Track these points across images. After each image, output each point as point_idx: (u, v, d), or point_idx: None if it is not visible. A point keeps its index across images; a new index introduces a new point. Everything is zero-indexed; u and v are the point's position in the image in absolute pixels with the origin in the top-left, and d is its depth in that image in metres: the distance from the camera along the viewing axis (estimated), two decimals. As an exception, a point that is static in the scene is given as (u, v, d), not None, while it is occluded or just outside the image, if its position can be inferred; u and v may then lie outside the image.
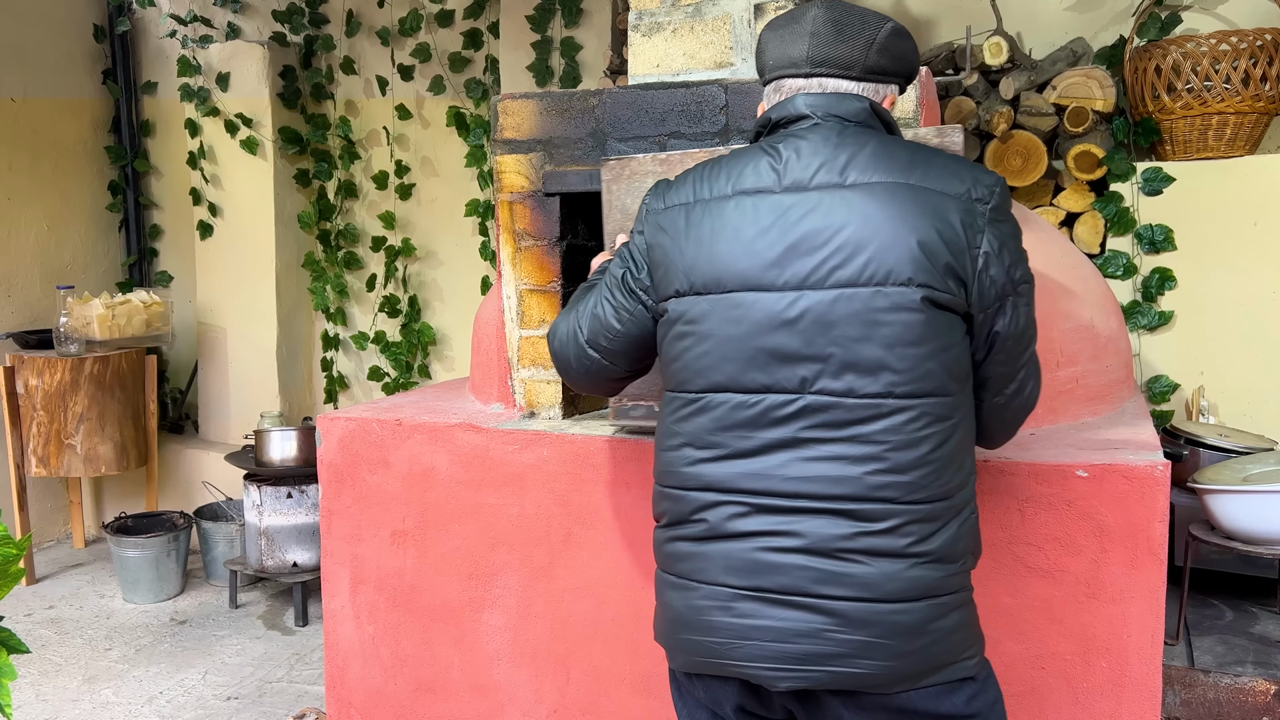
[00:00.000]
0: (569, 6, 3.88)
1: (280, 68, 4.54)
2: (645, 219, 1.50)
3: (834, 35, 1.43)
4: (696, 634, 1.37)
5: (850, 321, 1.30)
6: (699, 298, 1.39)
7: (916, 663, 1.30)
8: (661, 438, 1.46)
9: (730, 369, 1.36)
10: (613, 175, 1.97)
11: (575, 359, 1.58)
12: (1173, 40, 2.93)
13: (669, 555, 1.43)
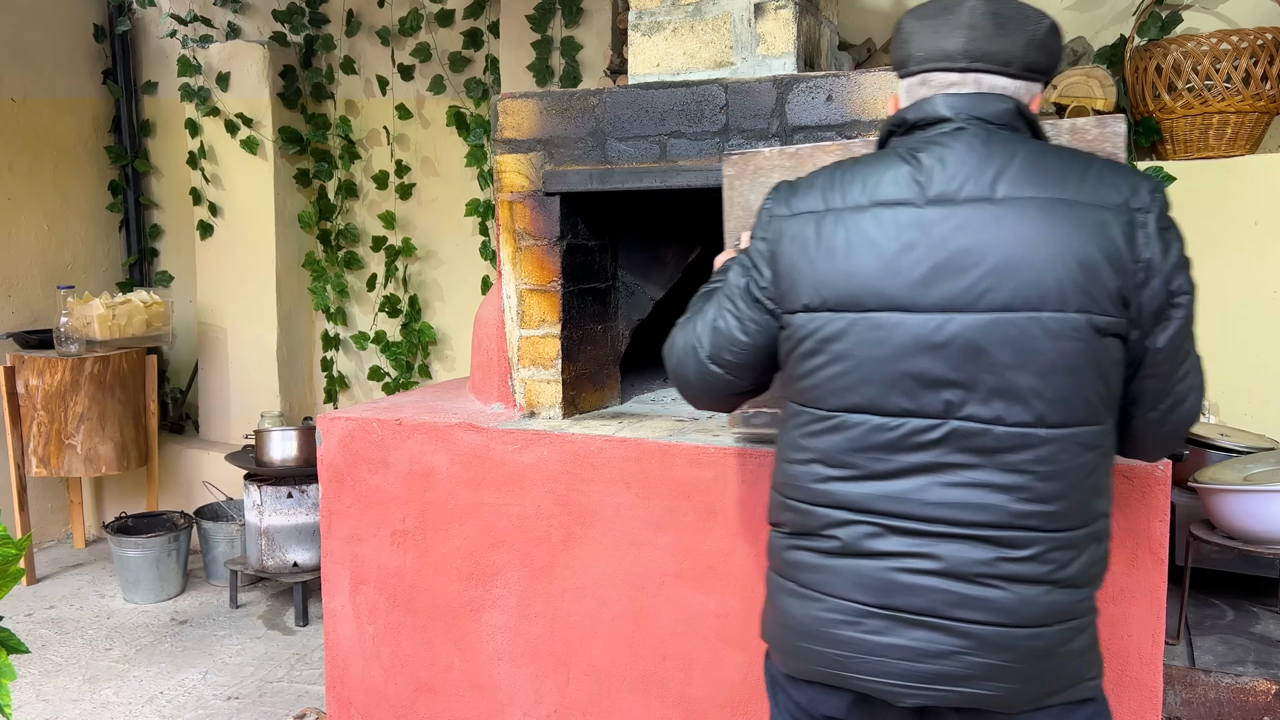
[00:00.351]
0: (569, 6, 3.87)
1: (280, 67, 4.54)
2: (767, 224, 1.42)
3: (994, 29, 1.35)
4: (818, 644, 1.36)
5: (1003, 347, 1.24)
6: (833, 314, 1.33)
7: (1044, 685, 1.29)
8: (786, 449, 1.42)
9: (870, 391, 1.30)
10: (736, 170, 1.89)
11: (696, 375, 1.51)
12: (1173, 39, 2.93)
13: (790, 563, 1.41)
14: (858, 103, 1.99)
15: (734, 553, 1.95)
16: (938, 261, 1.27)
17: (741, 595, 1.95)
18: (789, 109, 2.04)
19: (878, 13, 3.50)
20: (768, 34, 2.20)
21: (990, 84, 1.35)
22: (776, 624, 1.43)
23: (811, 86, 2.02)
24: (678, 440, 2.01)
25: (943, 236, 1.27)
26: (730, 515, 1.95)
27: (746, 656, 1.96)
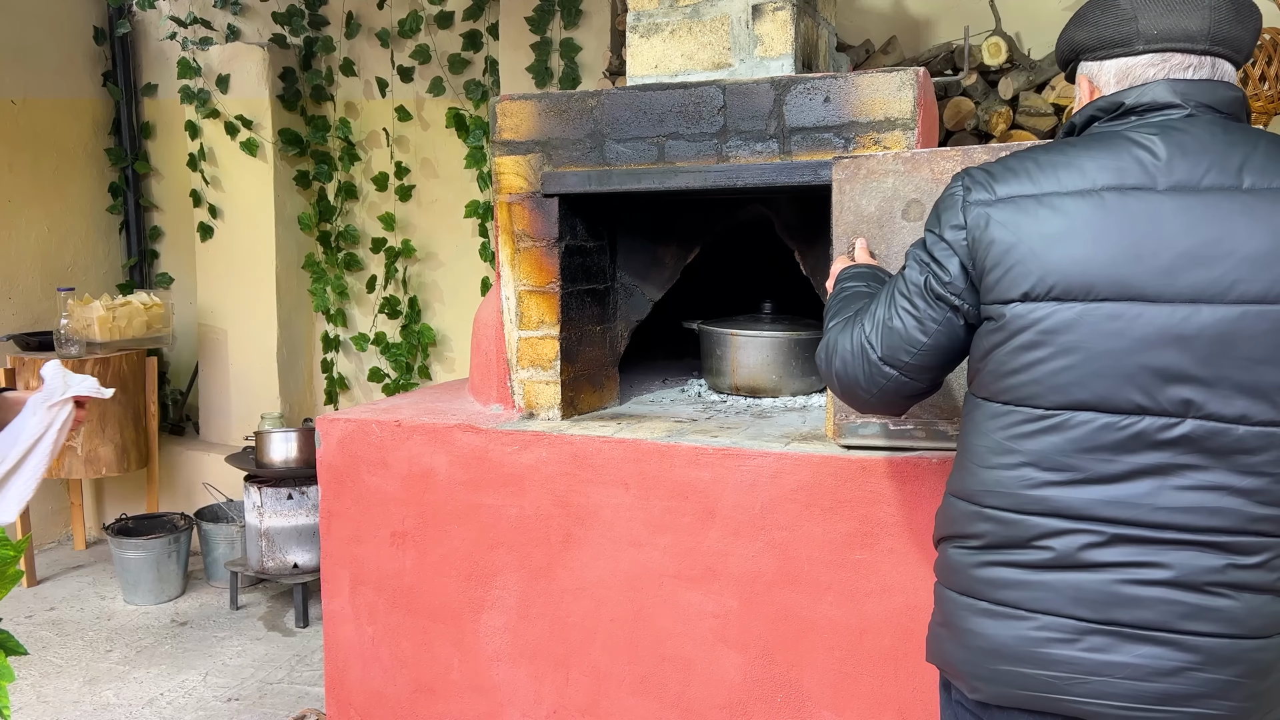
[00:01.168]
0: (568, 8, 3.88)
1: (280, 69, 4.55)
2: (962, 211, 1.31)
3: (1233, 13, 1.28)
4: (1026, 666, 1.26)
5: (1255, 341, 1.18)
6: (1060, 304, 1.23)
7: (1265, 703, 1.23)
8: (983, 453, 1.32)
9: (1101, 386, 1.22)
10: (846, 174, 1.86)
11: (867, 378, 1.42)
12: (1172, 40, 2.93)
13: (984, 580, 1.31)
14: (855, 104, 1.99)
15: (732, 554, 1.95)
16: (1183, 250, 1.20)
17: (740, 596, 1.96)
18: (787, 110, 2.04)
19: (876, 14, 3.50)
20: (766, 35, 2.20)
21: (1223, 71, 1.30)
22: (963, 648, 1.32)
23: (809, 88, 2.03)
24: (676, 441, 2.02)
25: (1187, 225, 1.20)
26: (729, 516, 1.95)
27: (745, 657, 1.96)
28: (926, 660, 1.41)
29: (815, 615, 1.89)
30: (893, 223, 1.83)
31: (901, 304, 1.38)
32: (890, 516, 1.83)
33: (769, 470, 1.91)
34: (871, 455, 1.85)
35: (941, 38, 3.40)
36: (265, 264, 4.60)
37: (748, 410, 2.38)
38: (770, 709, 1.95)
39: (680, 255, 2.52)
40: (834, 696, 1.90)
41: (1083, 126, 1.35)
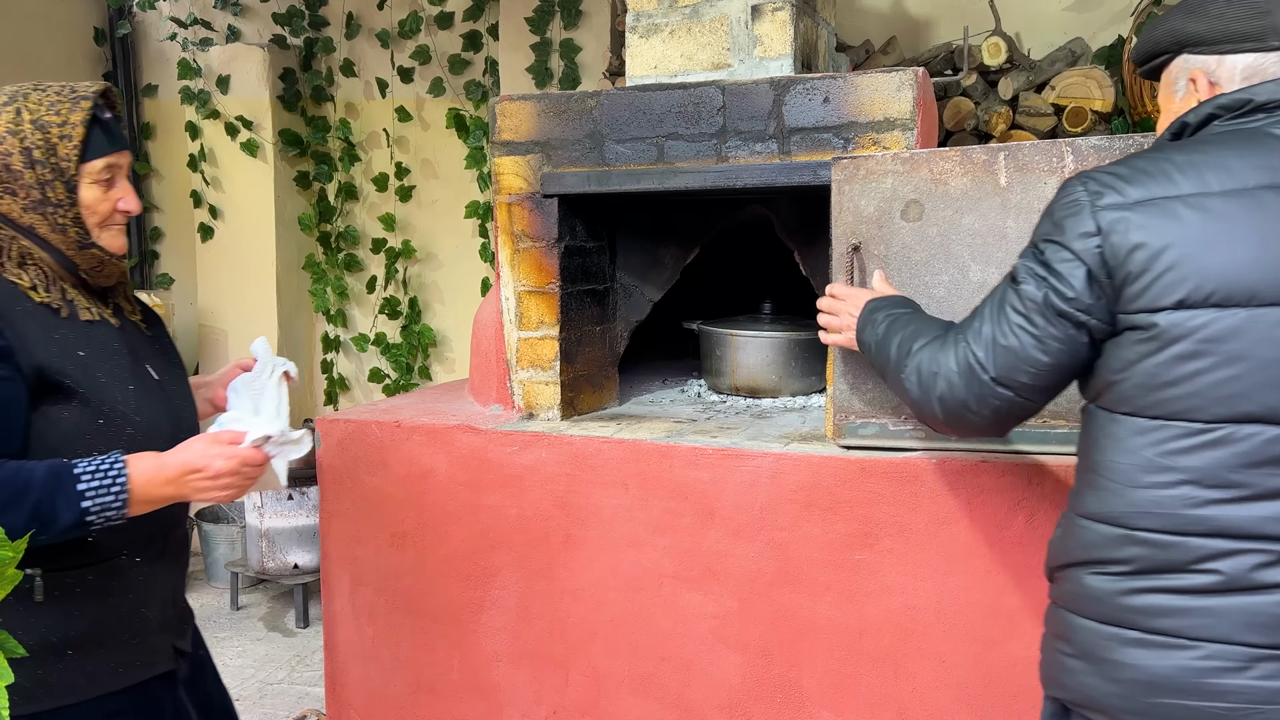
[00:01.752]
0: (568, 8, 3.88)
1: (280, 70, 4.55)
2: (1096, 217, 1.22)
3: None
4: (1191, 699, 1.19)
5: None
6: (1221, 311, 1.16)
7: None
8: (1133, 472, 1.23)
9: (1269, 397, 1.15)
10: (845, 175, 1.86)
11: (978, 401, 1.33)
12: (1171, 40, 2.93)
13: (1136, 609, 1.23)
14: (854, 104, 1.99)
15: (732, 554, 1.95)
16: None
17: (739, 596, 1.96)
18: (786, 111, 2.04)
19: (876, 14, 3.51)
20: (765, 36, 2.20)
21: None
22: (1111, 681, 1.24)
23: (809, 88, 2.03)
24: (676, 442, 2.02)
25: None
26: (728, 517, 1.95)
27: (744, 658, 1.96)
28: (1047, 692, 1.34)
29: (814, 615, 1.89)
30: (892, 223, 1.83)
31: (1015, 321, 1.28)
32: (890, 517, 1.83)
33: (768, 471, 1.91)
34: (871, 456, 1.85)
35: (941, 38, 3.41)
36: (265, 265, 4.60)
37: (747, 411, 2.38)
38: (770, 709, 1.95)
39: (680, 255, 2.52)
40: (833, 696, 1.90)
41: (1198, 125, 1.28)
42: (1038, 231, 1.30)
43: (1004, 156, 1.75)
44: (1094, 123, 3.02)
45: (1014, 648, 1.76)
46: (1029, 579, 1.74)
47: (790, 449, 1.93)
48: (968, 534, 1.78)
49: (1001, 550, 1.76)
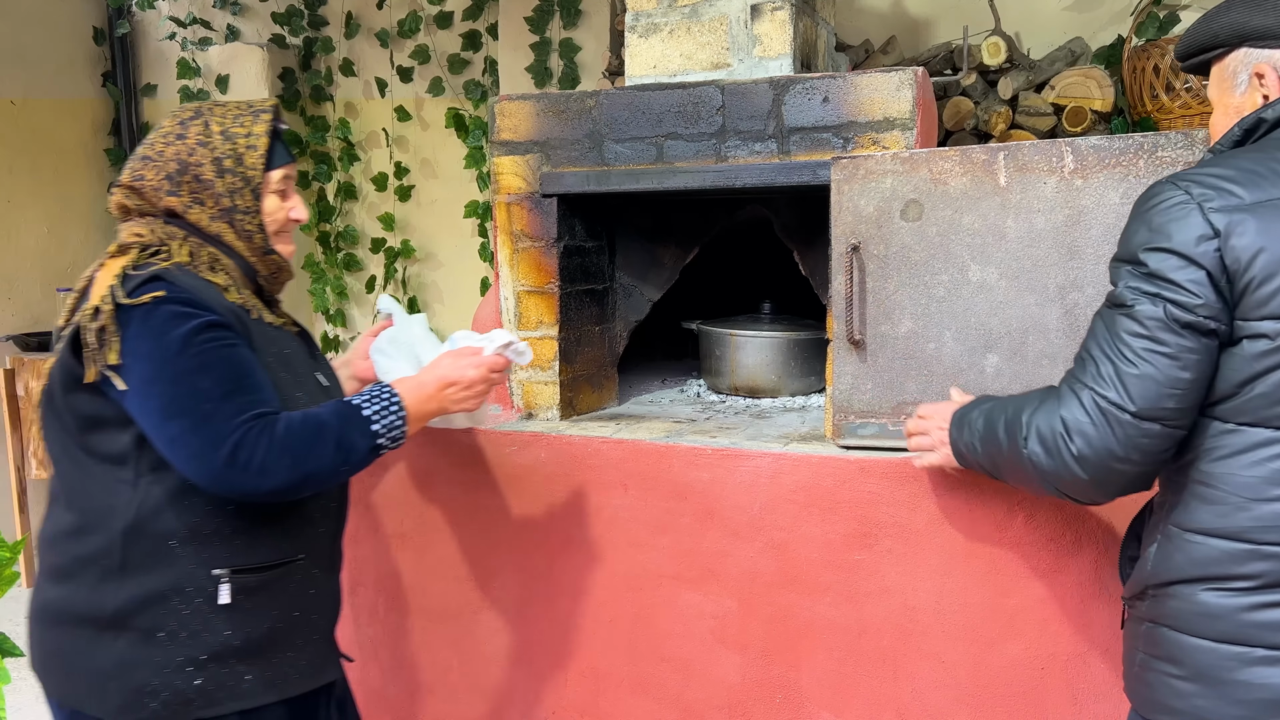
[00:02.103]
0: (567, 8, 3.88)
1: (279, 70, 4.55)
2: (1209, 219, 1.17)
3: None
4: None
5: None
6: None
7: None
8: (1258, 485, 1.18)
9: None
10: (844, 175, 1.86)
11: (1125, 445, 1.22)
12: (1171, 39, 2.93)
13: (1264, 624, 1.18)
14: (854, 104, 1.99)
15: (731, 554, 1.95)
16: None
17: (738, 597, 1.95)
18: (786, 110, 2.04)
19: (876, 14, 3.50)
20: (764, 35, 2.20)
21: None
22: (1234, 703, 1.20)
23: (808, 88, 2.02)
24: (675, 442, 2.01)
25: None
26: (727, 517, 1.95)
27: (743, 658, 1.96)
28: (1143, 713, 1.30)
29: (814, 616, 1.89)
30: (891, 223, 1.83)
31: (1141, 346, 1.19)
32: (889, 517, 1.82)
33: (768, 471, 1.90)
34: (870, 456, 1.85)
35: (941, 38, 3.40)
36: (265, 264, 4.59)
37: (747, 411, 2.38)
38: (769, 710, 1.95)
39: (679, 255, 2.52)
40: (832, 697, 1.89)
41: (1275, 124, 1.25)
42: (1131, 244, 1.22)
43: (1004, 156, 1.75)
44: (1093, 122, 3.02)
45: (1013, 648, 1.76)
46: (1028, 579, 1.74)
47: (790, 449, 1.93)
48: (967, 534, 1.77)
49: (1001, 550, 1.76)
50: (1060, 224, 1.72)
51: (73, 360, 1.40)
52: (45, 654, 1.48)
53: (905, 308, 1.83)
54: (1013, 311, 1.76)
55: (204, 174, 1.50)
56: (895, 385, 1.85)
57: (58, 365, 1.42)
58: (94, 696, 1.43)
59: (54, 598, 1.46)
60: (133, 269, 1.40)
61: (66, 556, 1.45)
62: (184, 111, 1.55)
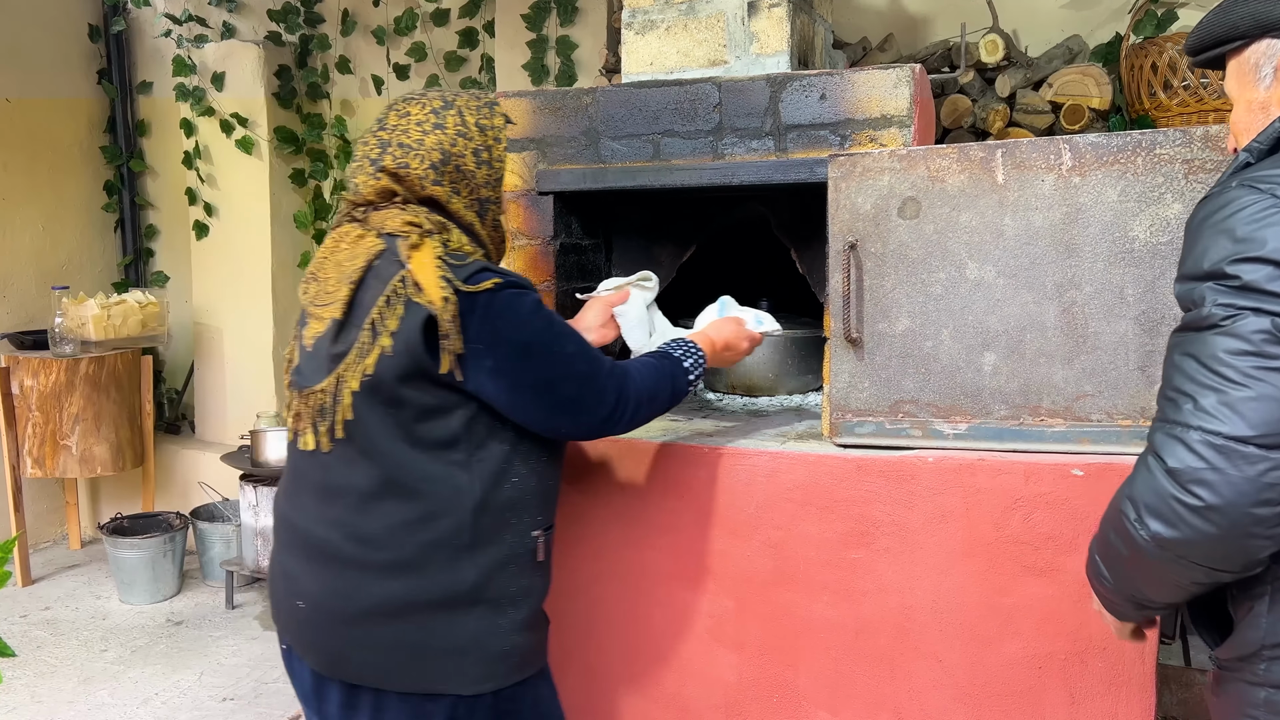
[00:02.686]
0: (564, 5, 3.87)
1: (275, 67, 4.53)
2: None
3: None
4: None
5: None
6: None
7: None
8: None
9: None
10: (842, 172, 1.85)
11: (1256, 484, 1.04)
12: (1169, 37, 2.92)
13: None
14: (851, 101, 1.98)
15: (728, 553, 1.94)
16: None
17: (735, 596, 1.95)
18: (783, 107, 2.03)
19: (874, 11, 3.50)
20: (761, 32, 2.19)
21: None
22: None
23: (805, 85, 2.02)
24: (672, 440, 2.01)
25: None
26: (724, 515, 1.94)
27: (741, 657, 1.95)
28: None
29: (811, 615, 1.89)
30: (889, 220, 1.82)
31: (1248, 365, 1.05)
32: (886, 516, 1.82)
33: (765, 469, 1.90)
34: (867, 454, 1.85)
35: (939, 35, 3.40)
36: (261, 262, 4.58)
37: (744, 409, 2.37)
38: (766, 709, 1.94)
39: (676, 254, 2.51)
40: (830, 696, 1.89)
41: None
42: (1211, 258, 1.11)
43: (1001, 154, 1.74)
44: (1091, 120, 3.02)
45: (1011, 647, 1.76)
46: (1026, 578, 1.74)
47: (787, 447, 1.92)
48: (964, 533, 1.77)
49: (998, 549, 1.75)
50: (1058, 222, 1.71)
51: (420, 350, 1.41)
52: (388, 648, 1.48)
53: (903, 306, 1.82)
54: (1010, 309, 1.75)
55: (465, 164, 1.54)
56: (893, 383, 1.85)
57: (389, 359, 1.42)
58: (452, 674, 1.48)
59: (396, 591, 1.47)
60: (449, 258, 1.45)
61: (410, 547, 1.47)
62: (431, 100, 1.57)
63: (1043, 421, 1.75)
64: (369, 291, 1.46)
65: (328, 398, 1.47)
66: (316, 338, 1.51)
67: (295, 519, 1.56)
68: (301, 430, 1.53)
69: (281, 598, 1.58)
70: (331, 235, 1.58)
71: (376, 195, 1.53)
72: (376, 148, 1.53)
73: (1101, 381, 1.71)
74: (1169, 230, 1.65)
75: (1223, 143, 1.62)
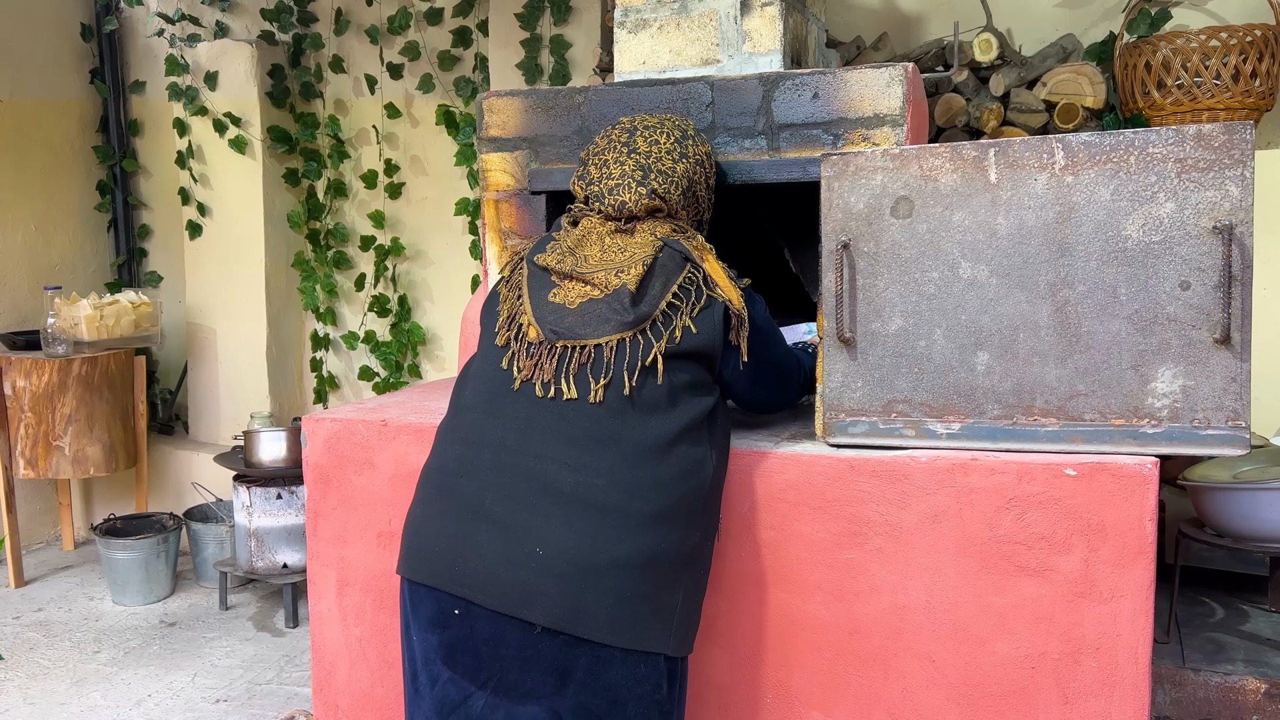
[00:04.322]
0: (558, 4, 3.86)
1: (269, 66, 4.52)
2: None
3: None
4: None
5: None
6: None
7: None
8: None
9: None
10: (834, 171, 1.84)
11: None
12: (1163, 36, 2.92)
13: None
14: (844, 100, 1.98)
15: (721, 553, 1.94)
16: None
17: (728, 596, 1.94)
18: (775, 106, 2.02)
19: (868, 10, 3.49)
20: (754, 31, 2.19)
21: None
22: None
23: (798, 84, 2.01)
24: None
25: None
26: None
27: (734, 657, 1.95)
28: None
29: (804, 615, 1.88)
30: (882, 220, 1.82)
31: None
32: (879, 516, 1.81)
33: (757, 469, 1.89)
34: (860, 454, 1.84)
35: (933, 34, 3.40)
36: (254, 262, 4.57)
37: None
38: (760, 709, 1.94)
39: (669, 253, 2.50)
40: (823, 697, 1.89)
41: None
42: None
43: (994, 153, 1.74)
44: (1085, 119, 3.02)
45: (1004, 647, 1.75)
46: (1019, 578, 1.74)
47: (780, 447, 1.92)
48: (957, 533, 1.77)
49: (991, 549, 1.75)
50: (1051, 221, 1.71)
51: (719, 335, 1.71)
52: (626, 599, 1.54)
53: (896, 305, 1.82)
54: (1003, 309, 1.75)
55: (699, 191, 1.87)
56: (886, 383, 1.84)
57: (692, 335, 1.67)
58: (663, 633, 1.57)
59: (649, 543, 1.56)
60: (727, 268, 1.78)
61: (670, 501, 1.59)
62: (673, 129, 1.87)
63: (1036, 421, 1.75)
64: (657, 277, 1.69)
65: (609, 353, 1.63)
66: (587, 299, 1.68)
67: (530, 466, 1.59)
68: (547, 380, 1.64)
69: (481, 552, 1.56)
70: (584, 221, 1.84)
71: (643, 211, 1.79)
72: (637, 170, 1.80)
73: (1095, 381, 1.71)
74: (1161, 229, 1.65)
75: (1215, 141, 1.62)
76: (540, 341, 1.67)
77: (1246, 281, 1.63)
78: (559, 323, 1.67)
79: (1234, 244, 1.61)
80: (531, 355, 1.66)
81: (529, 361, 1.66)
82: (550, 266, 1.75)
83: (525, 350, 1.67)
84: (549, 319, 1.68)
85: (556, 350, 1.65)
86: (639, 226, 1.78)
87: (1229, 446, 1.67)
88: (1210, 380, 1.65)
